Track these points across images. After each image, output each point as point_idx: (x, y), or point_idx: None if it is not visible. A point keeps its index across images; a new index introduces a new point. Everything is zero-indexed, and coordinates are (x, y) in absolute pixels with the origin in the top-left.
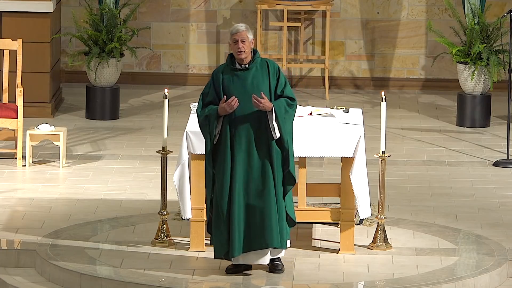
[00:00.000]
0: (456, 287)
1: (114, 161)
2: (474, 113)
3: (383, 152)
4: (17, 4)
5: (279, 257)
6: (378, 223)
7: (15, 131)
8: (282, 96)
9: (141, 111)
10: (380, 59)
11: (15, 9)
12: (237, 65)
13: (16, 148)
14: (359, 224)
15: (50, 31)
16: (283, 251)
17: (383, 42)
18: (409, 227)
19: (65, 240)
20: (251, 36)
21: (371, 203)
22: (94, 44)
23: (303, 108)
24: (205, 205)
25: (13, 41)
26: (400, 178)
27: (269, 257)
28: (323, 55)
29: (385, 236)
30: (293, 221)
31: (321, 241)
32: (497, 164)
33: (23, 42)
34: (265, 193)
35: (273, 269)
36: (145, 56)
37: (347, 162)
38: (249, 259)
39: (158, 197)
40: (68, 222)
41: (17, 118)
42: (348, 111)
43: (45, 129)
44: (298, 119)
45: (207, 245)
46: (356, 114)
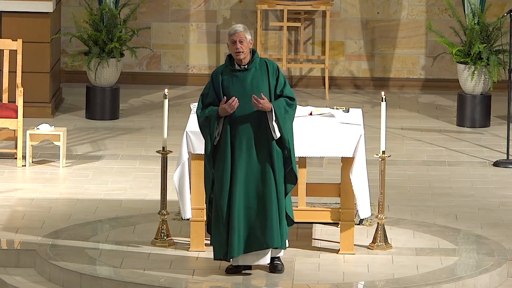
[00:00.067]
0: (456, 287)
1: (114, 161)
2: (474, 113)
3: (383, 152)
4: (17, 4)
5: (279, 256)
6: (378, 223)
7: (15, 131)
8: (281, 96)
9: (141, 111)
10: (380, 59)
11: (15, 9)
12: (236, 66)
13: (16, 148)
14: (359, 224)
15: (50, 31)
16: (282, 250)
17: (383, 42)
18: (409, 227)
19: (65, 240)
20: (249, 36)
21: (371, 203)
22: (94, 44)
23: (303, 108)
24: (205, 205)
25: (13, 41)
26: (400, 178)
27: (269, 257)
28: (323, 55)
29: (385, 236)
30: (292, 220)
31: (321, 241)
32: (497, 164)
33: (23, 42)
34: (266, 193)
35: (273, 269)
36: (145, 56)
37: (347, 162)
38: (249, 259)
39: (158, 197)
40: (68, 222)
41: (17, 118)
42: (348, 111)
43: (45, 129)
44: (298, 119)
45: (207, 245)
46: (356, 114)
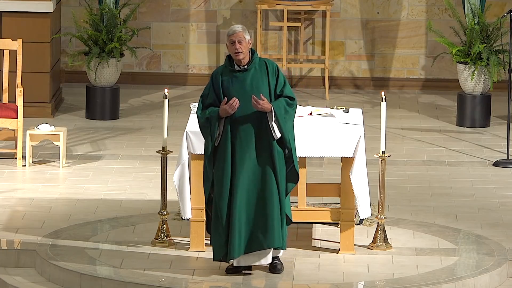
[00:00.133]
0: (456, 287)
1: (114, 161)
2: (474, 113)
3: (383, 152)
4: (17, 4)
5: (278, 256)
6: (378, 223)
7: (15, 131)
8: (281, 95)
9: (141, 111)
10: (380, 59)
11: (15, 9)
12: (235, 67)
13: (16, 148)
14: (359, 224)
15: (50, 31)
16: (282, 250)
17: (383, 42)
18: (409, 227)
19: (65, 240)
20: (248, 36)
21: (371, 203)
22: (94, 44)
23: (303, 108)
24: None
25: (13, 41)
26: (400, 178)
27: (271, 256)
28: (323, 55)
29: (385, 236)
30: (290, 220)
31: (321, 241)
32: (497, 164)
33: (23, 42)
34: (267, 193)
35: (272, 269)
36: (145, 56)
37: (347, 162)
38: (250, 259)
39: (158, 197)
40: (68, 222)
41: (17, 118)
42: (348, 111)
43: (45, 129)
44: (298, 119)
45: (207, 245)
46: (356, 114)
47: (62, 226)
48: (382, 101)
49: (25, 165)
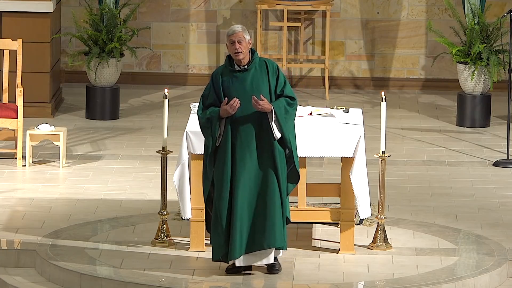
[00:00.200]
0: (456, 287)
1: (114, 161)
2: (474, 113)
3: (383, 152)
4: (17, 4)
5: (276, 256)
6: (378, 223)
7: (15, 131)
8: (282, 95)
9: (141, 111)
10: (380, 59)
11: (15, 9)
12: (235, 67)
13: (16, 148)
14: (359, 224)
15: (50, 31)
16: (281, 251)
17: (383, 42)
18: (409, 227)
19: (65, 240)
20: (248, 36)
21: (371, 203)
22: (94, 44)
23: (303, 108)
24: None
25: (13, 41)
26: (400, 178)
27: (273, 257)
28: (323, 55)
29: (385, 236)
30: (288, 220)
31: (321, 241)
32: (497, 164)
33: (23, 42)
34: (268, 193)
35: (270, 269)
36: (145, 56)
37: (347, 162)
38: (252, 259)
39: (158, 197)
40: (68, 222)
41: (17, 118)
42: (348, 111)
43: (45, 129)
44: (298, 119)
45: (207, 245)
46: (356, 114)
47: (62, 226)
48: (382, 101)
49: (25, 165)
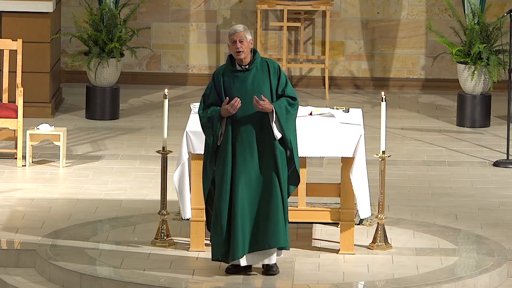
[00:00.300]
0: (456, 287)
1: (114, 161)
2: (474, 113)
3: (383, 152)
4: (17, 4)
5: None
6: (378, 223)
7: (15, 131)
8: (283, 95)
9: (141, 111)
10: (380, 59)
11: (15, 9)
12: (237, 66)
13: (16, 148)
14: (359, 224)
15: (50, 31)
16: (282, 251)
17: (383, 42)
18: (409, 227)
19: (65, 240)
20: (249, 36)
21: (371, 203)
22: (94, 44)
23: (303, 108)
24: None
25: (13, 41)
26: (400, 178)
27: (275, 256)
28: (323, 55)
29: (385, 236)
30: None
31: (321, 241)
32: (497, 164)
33: (23, 42)
34: (270, 194)
35: (267, 270)
36: (145, 56)
37: (347, 162)
38: (255, 259)
39: (158, 197)
40: (68, 222)
41: (17, 118)
42: (348, 111)
43: (45, 129)
44: (298, 119)
45: (207, 245)
46: (356, 114)
47: (62, 226)
48: (382, 101)
49: (25, 165)
